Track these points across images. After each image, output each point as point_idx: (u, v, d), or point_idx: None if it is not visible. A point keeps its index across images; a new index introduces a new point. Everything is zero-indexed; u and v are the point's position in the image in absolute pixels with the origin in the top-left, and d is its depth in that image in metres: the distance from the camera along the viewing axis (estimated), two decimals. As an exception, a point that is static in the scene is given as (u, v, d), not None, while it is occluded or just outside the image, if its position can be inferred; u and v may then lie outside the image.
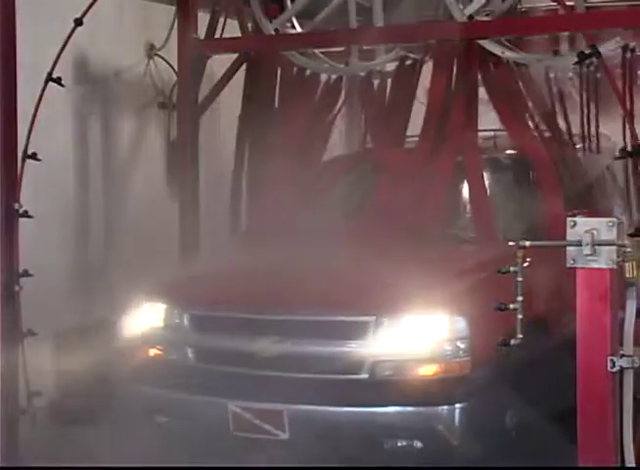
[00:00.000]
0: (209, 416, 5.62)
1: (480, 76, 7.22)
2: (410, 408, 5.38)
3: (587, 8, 7.52)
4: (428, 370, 5.44)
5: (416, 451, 5.37)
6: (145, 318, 6.07)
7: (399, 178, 6.81)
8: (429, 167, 6.84)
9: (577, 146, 7.69)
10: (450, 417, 5.35)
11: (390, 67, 7.89)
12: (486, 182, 6.82)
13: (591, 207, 6.90)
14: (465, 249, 6.47)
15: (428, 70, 7.45)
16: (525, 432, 5.72)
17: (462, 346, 5.41)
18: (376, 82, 8.07)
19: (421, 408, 5.37)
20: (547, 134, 7.40)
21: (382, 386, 5.46)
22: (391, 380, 5.46)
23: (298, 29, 8.12)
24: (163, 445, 5.78)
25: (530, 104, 7.48)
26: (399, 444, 5.40)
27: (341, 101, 8.11)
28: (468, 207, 6.75)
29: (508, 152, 7.21)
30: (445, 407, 5.35)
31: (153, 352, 6.04)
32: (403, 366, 5.46)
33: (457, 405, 5.34)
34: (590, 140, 7.68)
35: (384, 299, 5.55)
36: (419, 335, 5.45)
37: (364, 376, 5.47)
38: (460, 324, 5.42)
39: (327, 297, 5.61)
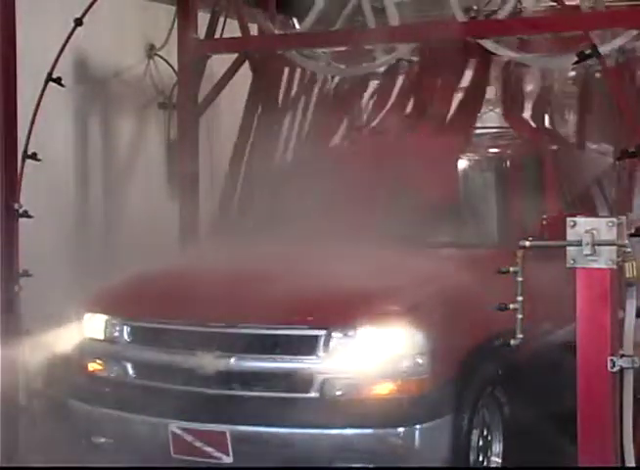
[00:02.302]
0: (149, 438, 5.28)
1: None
2: (364, 430, 4.97)
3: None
4: (383, 388, 5.04)
5: None
6: (84, 330, 5.72)
7: (362, 175, 6.45)
8: (397, 167, 6.49)
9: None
10: (408, 440, 4.95)
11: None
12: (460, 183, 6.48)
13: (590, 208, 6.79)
14: (431, 253, 5.92)
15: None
16: (492, 454, 5.47)
17: (421, 361, 5.02)
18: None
19: (376, 430, 4.96)
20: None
21: (333, 405, 5.05)
22: (344, 399, 5.05)
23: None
24: (101, 467, 5.47)
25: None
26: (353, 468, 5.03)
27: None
28: (437, 208, 6.22)
29: (485, 153, 6.85)
30: (403, 429, 4.94)
31: (92, 366, 5.68)
32: (357, 384, 5.04)
33: (416, 427, 4.95)
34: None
35: (335, 310, 5.15)
36: (373, 350, 5.04)
37: (314, 395, 5.06)
38: (418, 338, 5.02)
39: (274, 307, 5.17)
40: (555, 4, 7.23)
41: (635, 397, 4.51)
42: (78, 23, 6.83)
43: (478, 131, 7.25)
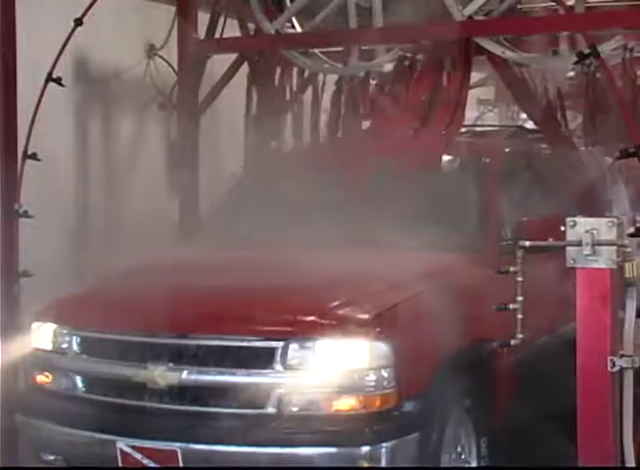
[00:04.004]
0: (98, 456, 4.96)
1: None
2: (326, 449, 4.61)
3: (587, 8, 7.52)
4: (345, 404, 4.67)
5: None
6: (33, 340, 5.41)
7: (333, 175, 6.13)
8: (363, 166, 6.16)
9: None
10: (374, 459, 4.59)
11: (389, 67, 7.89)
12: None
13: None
14: (400, 257, 5.45)
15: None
16: None
17: (386, 375, 4.66)
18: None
19: (339, 449, 4.59)
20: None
21: (292, 422, 4.67)
22: (303, 415, 4.68)
23: (298, 29, 8.13)
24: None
25: None
26: None
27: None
28: (407, 210, 5.85)
29: (463, 152, 6.46)
30: (367, 448, 4.58)
31: (41, 379, 5.35)
32: (317, 399, 4.68)
33: (382, 445, 4.59)
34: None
35: (293, 319, 4.82)
36: (334, 363, 4.69)
37: (271, 411, 4.70)
38: (383, 349, 4.66)
39: (228, 317, 4.90)
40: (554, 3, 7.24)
41: (635, 397, 4.51)
42: (78, 23, 6.83)
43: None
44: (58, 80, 6.69)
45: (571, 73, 7.52)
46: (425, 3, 7.36)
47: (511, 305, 4.80)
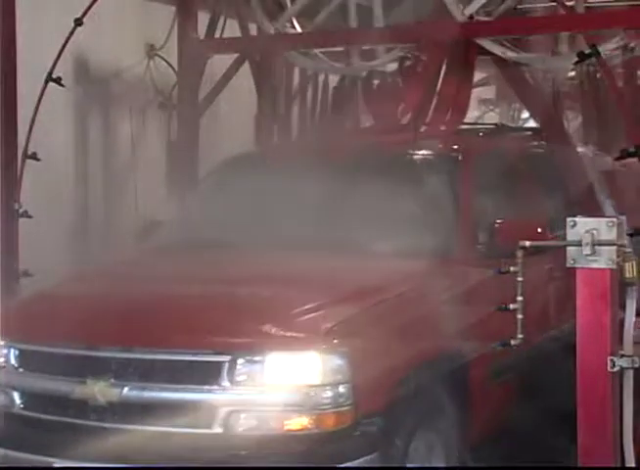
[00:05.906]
0: None
1: None
2: None
3: (587, 8, 7.53)
4: (298, 423, 4.31)
5: None
6: None
7: (291, 176, 5.82)
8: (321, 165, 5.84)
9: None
10: None
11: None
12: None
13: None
14: (364, 263, 5.08)
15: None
16: None
17: (342, 391, 4.31)
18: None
19: None
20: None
21: (240, 443, 4.33)
22: (252, 435, 4.33)
23: (299, 29, 8.14)
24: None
25: None
26: None
27: None
28: (372, 211, 5.50)
29: (433, 150, 6.13)
30: None
31: None
32: (267, 418, 4.33)
33: (338, 467, 4.28)
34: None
35: (242, 332, 4.47)
36: (286, 378, 4.35)
37: (217, 430, 4.34)
38: (339, 364, 4.32)
39: (172, 329, 4.55)
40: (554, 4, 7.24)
41: (635, 397, 4.51)
42: (78, 23, 6.84)
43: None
44: (58, 80, 6.70)
45: (572, 73, 7.51)
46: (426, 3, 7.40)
47: (511, 306, 4.78)
